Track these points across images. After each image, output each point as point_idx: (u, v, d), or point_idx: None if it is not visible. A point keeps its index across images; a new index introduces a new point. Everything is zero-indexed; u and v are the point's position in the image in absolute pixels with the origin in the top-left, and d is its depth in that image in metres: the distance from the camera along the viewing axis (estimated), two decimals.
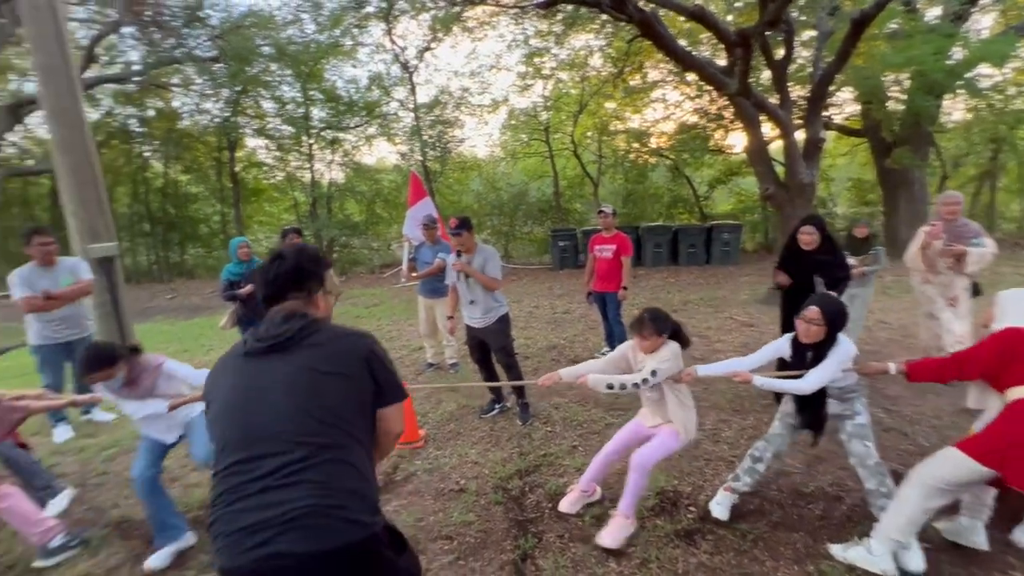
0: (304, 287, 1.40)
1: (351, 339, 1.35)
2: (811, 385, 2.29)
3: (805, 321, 2.34)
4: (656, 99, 13.59)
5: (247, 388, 1.26)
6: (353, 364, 1.30)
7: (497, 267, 3.69)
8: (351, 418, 1.27)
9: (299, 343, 1.28)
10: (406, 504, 2.89)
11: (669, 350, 2.44)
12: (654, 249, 11.25)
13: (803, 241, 3.56)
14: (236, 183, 15.47)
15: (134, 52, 13.49)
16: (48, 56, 4.86)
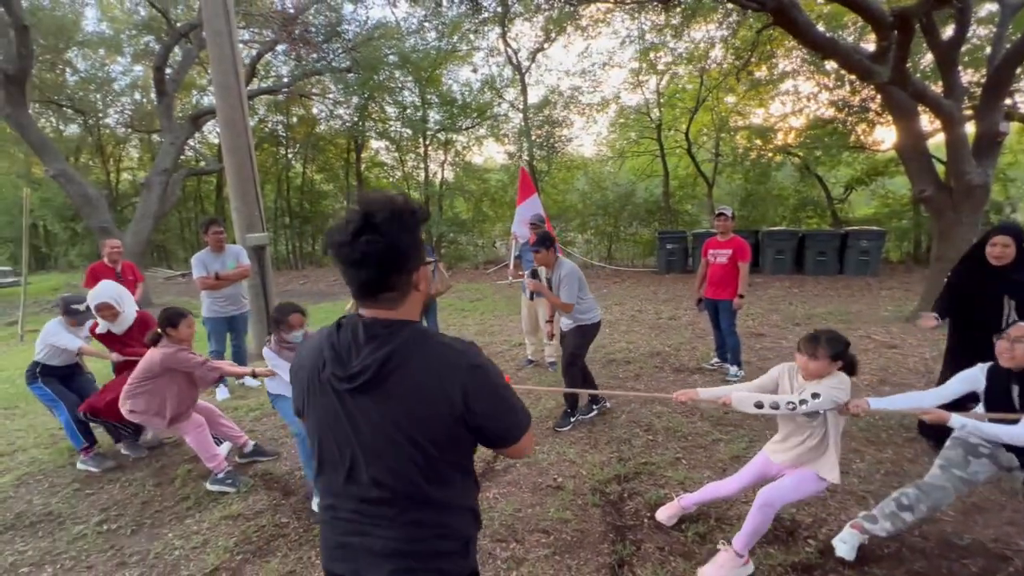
0: (401, 271, 1.01)
1: (442, 380, 1.00)
2: None
3: (1010, 341, 1.96)
4: (785, 91, 12.44)
5: (331, 434, 1.07)
6: (444, 414, 1.01)
7: (573, 290, 3.55)
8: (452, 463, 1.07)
9: (381, 384, 0.99)
10: (504, 493, 2.97)
11: (838, 379, 2.13)
12: (775, 255, 10.31)
13: (993, 254, 2.90)
14: (360, 181, 17.02)
15: (284, 67, 15.43)
16: (224, 75, 5.73)
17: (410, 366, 0.99)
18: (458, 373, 1.01)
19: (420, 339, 1.02)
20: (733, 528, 2.55)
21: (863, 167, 12.46)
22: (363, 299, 1.03)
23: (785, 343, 5.75)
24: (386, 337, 1.00)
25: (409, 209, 1.02)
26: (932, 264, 6.54)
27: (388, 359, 0.98)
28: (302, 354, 1.14)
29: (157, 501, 3.07)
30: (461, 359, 1.02)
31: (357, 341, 1.02)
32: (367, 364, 0.98)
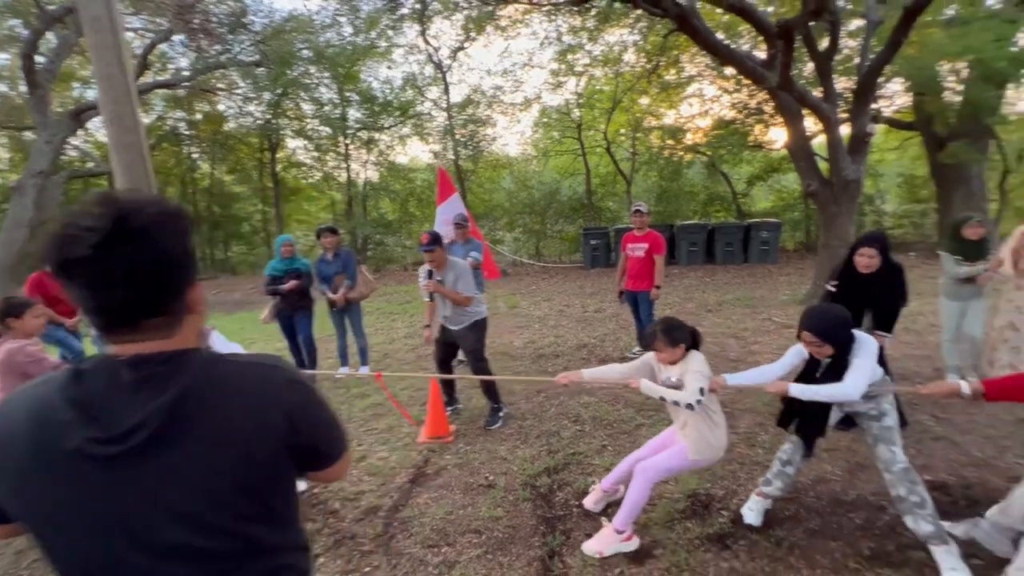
0: (175, 294, 0.79)
1: (257, 410, 0.81)
2: (855, 388, 2.12)
3: (806, 344, 2.27)
4: (692, 94, 13.31)
5: (91, 530, 0.75)
6: (265, 452, 0.81)
7: (469, 282, 3.65)
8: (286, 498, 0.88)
9: (172, 439, 0.74)
10: (435, 498, 2.94)
11: (696, 362, 2.32)
12: (689, 248, 11.02)
13: (861, 264, 3.11)
14: (277, 183, 16.05)
15: (183, 59, 14.18)
16: (107, 65, 5.13)
17: (211, 402, 0.78)
18: (275, 391, 0.84)
19: (214, 367, 0.81)
20: (658, 507, 2.71)
21: (761, 165, 13.65)
22: (119, 331, 0.77)
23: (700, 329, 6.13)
24: (167, 375, 0.76)
25: (178, 210, 0.81)
26: (820, 251, 7.29)
27: (178, 402, 0.74)
28: (6, 423, 0.76)
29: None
30: (274, 375, 0.85)
31: (119, 388, 0.74)
32: (148, 415, 0.72)
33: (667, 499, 2.77)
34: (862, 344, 2.22)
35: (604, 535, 2.41)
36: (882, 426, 2.30)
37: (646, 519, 2.60)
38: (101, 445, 0.71)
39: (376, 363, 5.56)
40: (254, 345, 6.71)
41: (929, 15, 7.15)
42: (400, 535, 2.62)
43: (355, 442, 3.72)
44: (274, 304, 4.85)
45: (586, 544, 2.41)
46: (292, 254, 4.90)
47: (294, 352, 5.12)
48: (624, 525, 2.37)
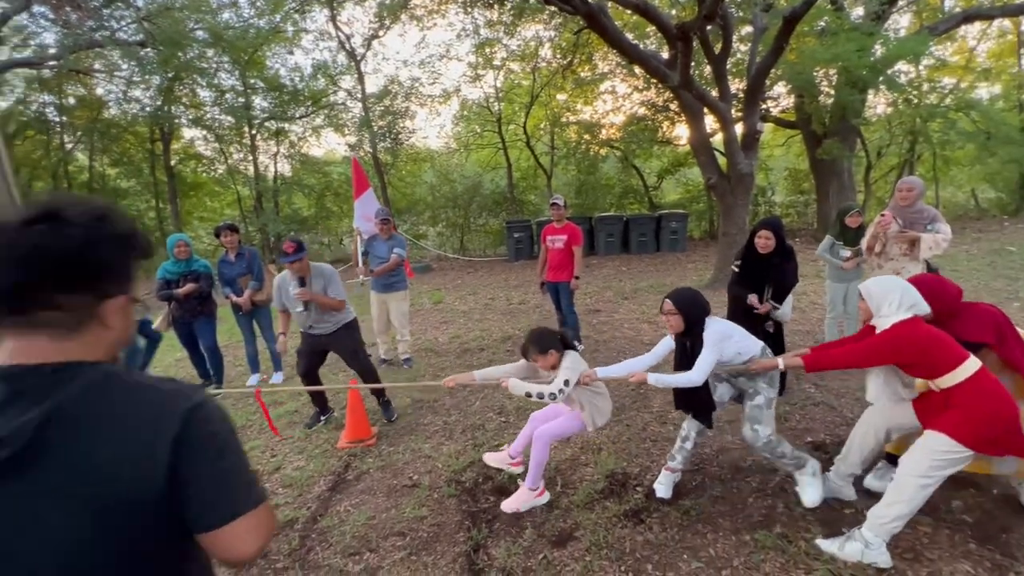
0: (89, 287, 0.74)
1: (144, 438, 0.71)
2: (699, 374, 2.37)
3: (663, 314, 2.52)
4: (606, 91, 13.85)
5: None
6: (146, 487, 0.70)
7: (339, 286, 3.60)
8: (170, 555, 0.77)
9: (39, 460, 0.66)
10: (357, 504, 2.84)
11: (568, 360, 2.57)
12: (607, 238, 11.49)
13: (760, 245, 3.50)
14: (172, 177, 14.56)
15: (48, 34, 12.39)
16: None
17: (90, 427, 0.68)
18: (164, 431, 0.71)
19: (108, 386, 0.72)
20: (579, 490, 2.81)
21: (669, 159, 14.54)
22: (12, 321, 0.70)
23: (617, 316, 6.46)
24: (43, 388, 0.68)
25: (126, 220, 0.78)
26: (720, 239, 7.92)
27: (48, 420, 0.66)
28: None
29: None
30: (170, 411, 0.73)
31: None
32: (15, 431, 0.64)
33: (587, 481, 2.88)
34: (710, 332, 2.42)
35: (519, 495, 2.68)
36: (752, 404, 2.55)
37: (568, 503, 2.70)
38: None
39: (290, 367, 5.25)
40: None
41: (806, 25, 7.96)
42: (319, 547, 2.51)
43: (268, 453, 3.50)
44: (168, 311, 4.42)
45: (504, 503, 2.67)
46: (188, 255, 4.48)
47: (196, 363, 4.71)
48: (534, 483, 2.66)
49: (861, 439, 2.48)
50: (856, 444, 2.49)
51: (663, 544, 2.36)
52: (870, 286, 2.33)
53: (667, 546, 2.34)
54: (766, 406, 2.54)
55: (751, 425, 2.54)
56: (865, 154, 12.23)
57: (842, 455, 2.56)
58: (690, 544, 2.35)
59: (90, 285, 0.73)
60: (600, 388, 2.69)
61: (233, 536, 0.75)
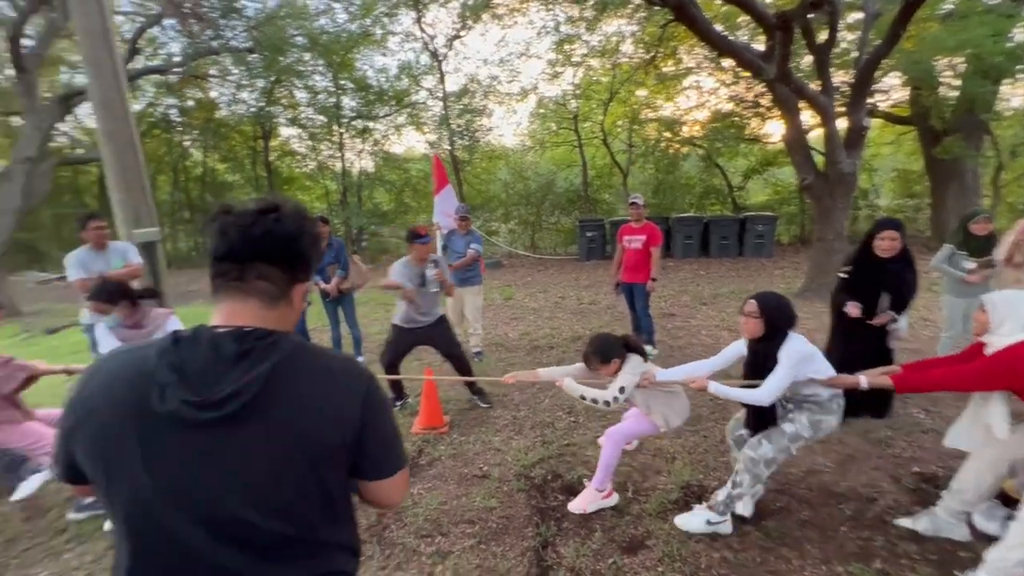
0: (290, 269, 0.89)
1: (340, 399, 0.86)
2: (768, 394, 2.20)
3: (743, 315, 2.35)
4: (689, 86, 13.25)
5: (202, 479, 0.78)
6: (339, 441, 0.85)
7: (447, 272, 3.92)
8: (344, 495, 0.92)
9: (264, 410, 0.79)
10: (429, 488, 2.94)
11: (628, 365, 2.54)
12: (684, 240, 11.03)
13: (882, 247, 3.11)
14: (270, 172, 15.88)
15: (175, 44, 13.94)
16: (95, 49, 5.05)
17: (300, 383, 0.82)
18: (358, 388, 0.88)
19: (304, 351, 0.86)
20: (651, 499, 2.72)
21: (757, 158, 13.65)
22: (227, 279, 0.85)
23: (694, 321, 6.19)
24: (265, 348, 0.81)
25: (314, 221, 0.95)
26: (815, 244, 7.32)
27: (273, 375, 0.79)
28: (103, 382, 0.81)
29: (26, 538, 2.70)
30: (358, 377, 0.90)
31: (221, 356, 0.79)
32: (246, 384, 0.77)
33: (660, 490, 2.78)
34: (790, 350, 2.23)
35: (585, 495, 2.65)
36: (779, 430, 2.35)
37: (639, 510, 2.62)
38: (197, 409, 0.75)
39: (372, 354, 5.53)
40: None
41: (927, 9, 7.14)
42: (393, 525, 2.62)
43: None
44: None
45: (571, 503, 2.65)
46: None
47: None
48: (601, 484, 2.61)
49: (977, 473, 2.19)
50: (972, 479, 2.21)
51: (743, 564, 2.23)
52: (997, 298, 2.09)
53: (747, 567, 2.21)
54: (790, 439, 2.33)
55: (763, 437, 2.35)
56: (995, 153, 10.76)
57: (953, 489, 2.28)
58: (773, 568, 2.20)
59: (291, 268, 0.89)
60: (674, 387, 2.61)
61: (392, 487, 0.94)
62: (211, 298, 0.89)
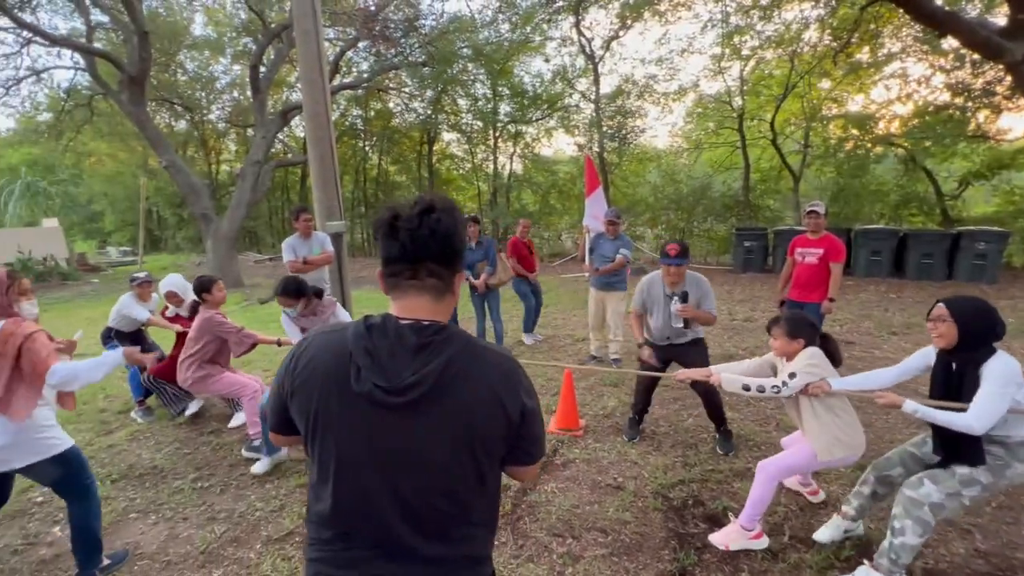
0: (452, 264, 0.96)
1: (504, 394, 0.92)
2: (980, 420, 1.81)
3: (930, 320, 2.02)
4: (891, 75, 11.24)
5: (374, 457, 0.91)
6: (501, 428, 0.93)
7: (713, 299, 3.26)
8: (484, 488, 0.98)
9: (439, 398, 0.88)
10: (563, 488, 2.93)
11: (808, 354, 2.32)
12: (870, 256, 9.39)
13: None
14: (432, 174, 17.50)
15: (364, 63, 16.12)
16: (310, 71, 6.03)
17: (470, 376, 0.90)
18: (517, 386, 0.94)
19: (472, 346, 0.94)
20: (812, 551, 2.36)
21: (983, 159, 11.01)
22: (402, 278, 0.93)
23: (878, 353, 5.23)
24: (440, 343, 0.90)
25: (460, 211, 1.00)
26: None
27: (447, 368, 0.88)
28: (314, 356, 0.94)
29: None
30: (518, 372, 0.96)
31: (404, 346, 0.89)
32: (425, 375, 0.87)
33: (830, 542, 2.39)
34: (1001, 366, 1.85)
35: (730, 531, 2.40)
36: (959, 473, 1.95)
37: (798, 559, 2.29)
38: (386, 394, 0.87)
39: (510, 348, 5.75)
40: None
41: None
42: (527, 518, 2.67)
43: None
44: None
45: (713, 536, 2.41)
46: None
47: None
48: (750, 522, 2.35)
49: None
50: None
51: None
52: None
53: None
54: (962, 482, 1.93)
55: (925, 476, 2.00)
56: None
57: None
58: None
59: (453, 261, 0.96)
60: (844, 409, 2.31)
61: (532, 471, 1.05)
62: (374, 284, 0.99)
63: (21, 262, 14.11)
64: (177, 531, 2.67)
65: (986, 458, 1.92)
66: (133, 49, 10.60)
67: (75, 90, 14.00)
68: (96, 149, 20.58)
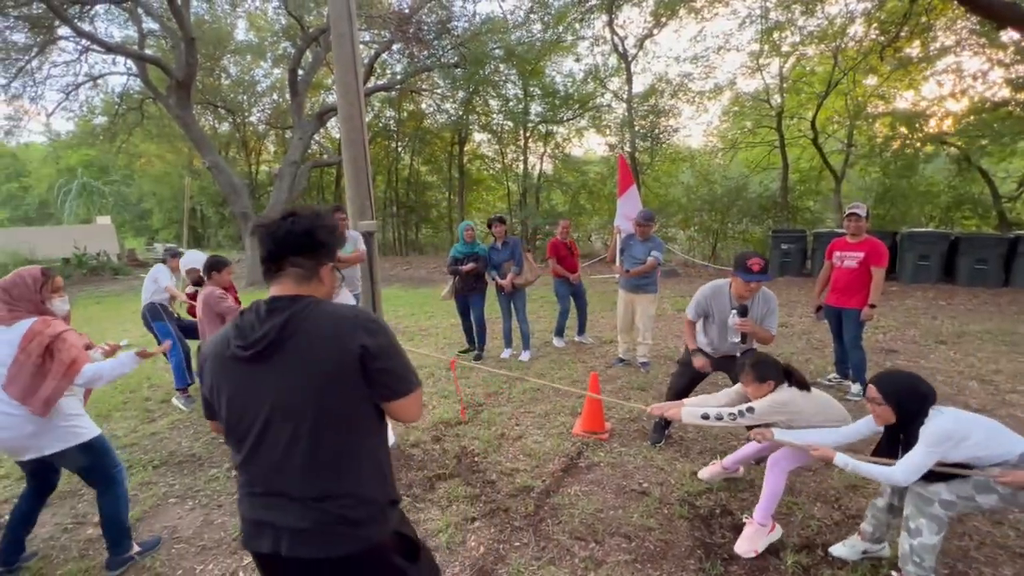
0: (312, 255, 1.19)
1: (340, 336, 1.11)
2: (904, 474, 1.93)
3: (867, 400, 2.09)
4: (943, 70, 10.66)
5: (242, 406, 1.14)
6: (345, 366, 1.10)
7: (776, 318, 3.04)
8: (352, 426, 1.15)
9: (282, 346, 1.10)
10: (586, 492, 2.91)
11: (780, 394, 2.38)
12: (917, 261, 8.94)
13: None
14: (462, 174, 17.63)
15: (398, 65, 16.39)
16: (345, 74, 6.15)
17: (307, 326, 1.11)
18: (354, 329, 1.13)
19: (315, 305, 1.15)
20: (852, 567, 2.26)
21: None
22: (272, 272, 1.19)
23: (925, 363, 4.96)
24: (285, 307, 1.13)
25: (331, 218, 1.26)
26: None
27: (285, 324, 1.10)
28: (207, 350, 1.21)
29: None
30: (356, 316, 1.16)
31: (259, 316, 1.13)
32: (268, 329, 1.10)
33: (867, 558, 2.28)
34: (932, 428, 1.92)
35: (751, 533, 2.39)
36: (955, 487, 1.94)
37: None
38: (243, 351, 1.12)
39: (536, 350, 5.74)
40: (433, 318, 7.51)
41: None
42: (550, 519, 2.66)
43: (513, 421, 3.89)
44: (453, 283, 5.33)
45: (738, 546, 2.37)
46: (473, 239, 5.30)
47: (466, 329, 5.56)
48: (765, 518, 2.39)
49: None
50: None
51: None
52: None
53: None
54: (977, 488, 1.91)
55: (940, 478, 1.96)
56: None
57: None
58: None
59: (314, 254, 1.20)
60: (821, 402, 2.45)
61: (404, 406, 1.19)
62: (405, 282, 1.08)
63: (77, 257, 14.97)
64: (212, 517, 2.78)
65: None
66: (180, 54, 11.09)
67: (127, 94, 14.76)
68: (146, 151, 21.63)
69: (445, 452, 3.41)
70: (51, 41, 11.87)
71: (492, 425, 3.81)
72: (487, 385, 4.63)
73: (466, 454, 3.38)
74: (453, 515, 2.70)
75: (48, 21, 11.08)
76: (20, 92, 12.65)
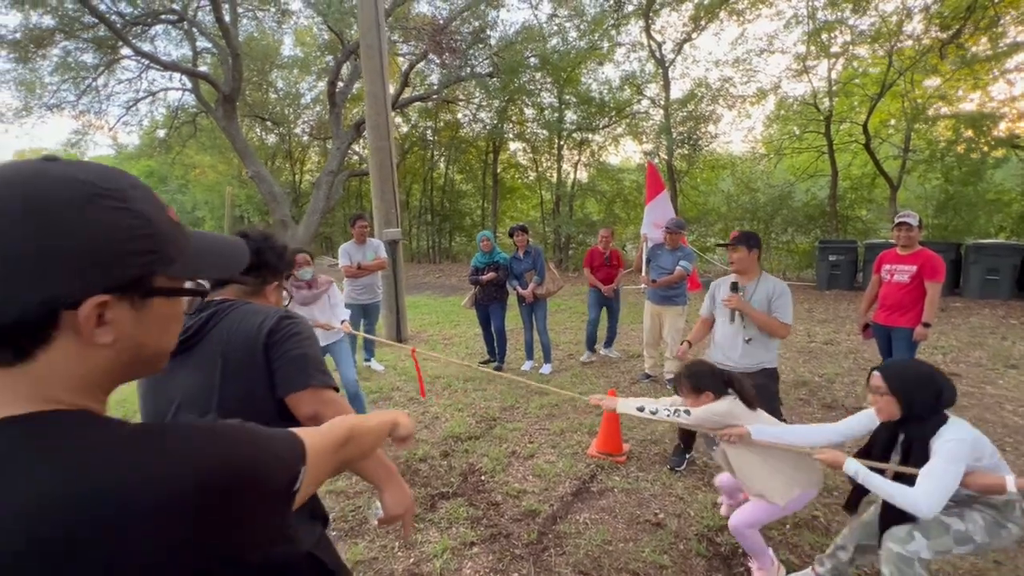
0: (258, 273, 1.29)
1: (252, 325, 1.16)
2: (929, 503, 1.61)
3: (871, 392, 1.88)
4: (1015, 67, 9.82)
5: (155, 400, 1.18)
6: (255, 353, 1.14)
7: (787, 308, 2.83)
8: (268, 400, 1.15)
9: (204, 338, 1.16)
10: (596, 520, 2.70)
11: (715, 405, 2.19)
12: (985, 275, 8.16)
13: None
14: (496, 182, 17.63)
15: (434, 75, 16.64)
16: (373, 84, 6.27)
17: (225, 322, 1.17)
18: (263, 321, 1.17)
19: (239, 305, 1.21)
20: None
21: None
22: (217, 284, 1.27)
23: (991, 389, 4.45)
24: (214, 305, 1.21)
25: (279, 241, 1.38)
26: None
27: (210, 318, 1.17)
28: None
29: None
30: (268, 312, 1.19)
31: (191, 314, 1.20)
32: (192, 324, 1.15)
33: None
34: (952, 440, 1.67)
35: None
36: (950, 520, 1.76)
37: None
38: None
39: (559, 363, 5.54)
40: (458, 326, 7.43)
41: None
42: (553, 549, 2.47)
43: (527, 438, 3.72)
44: (473, 293, 5.22)
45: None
46: (490, 248, 5.19)
47: (487, 340, 5.44)
48: (765, 567, 2.21)
49: None
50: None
51: None
52: None
53: None
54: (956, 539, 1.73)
55: (915, 528, 1.76)
56: None
57: None
58: None
59: (259, 273, 1.31)
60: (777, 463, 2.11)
61: (303, 400, 1.14)
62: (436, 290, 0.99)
63: None
64: None
65: (974, 515, 1.76)
66: (227, 69, 11.63)
67: (182, 108, 15.64)
68: (200, 161, 22.84)
69: (451, 469, 3.28)
70: (115, 60, 12.73)
71: (504, 441, 3.65)
72: (503, 399, 4.47)
73: (473, 472, 3.24)
74: (451, 538, 2.55)
75: (112, 41, 11.88)
76: (88, 108, 13.62)
